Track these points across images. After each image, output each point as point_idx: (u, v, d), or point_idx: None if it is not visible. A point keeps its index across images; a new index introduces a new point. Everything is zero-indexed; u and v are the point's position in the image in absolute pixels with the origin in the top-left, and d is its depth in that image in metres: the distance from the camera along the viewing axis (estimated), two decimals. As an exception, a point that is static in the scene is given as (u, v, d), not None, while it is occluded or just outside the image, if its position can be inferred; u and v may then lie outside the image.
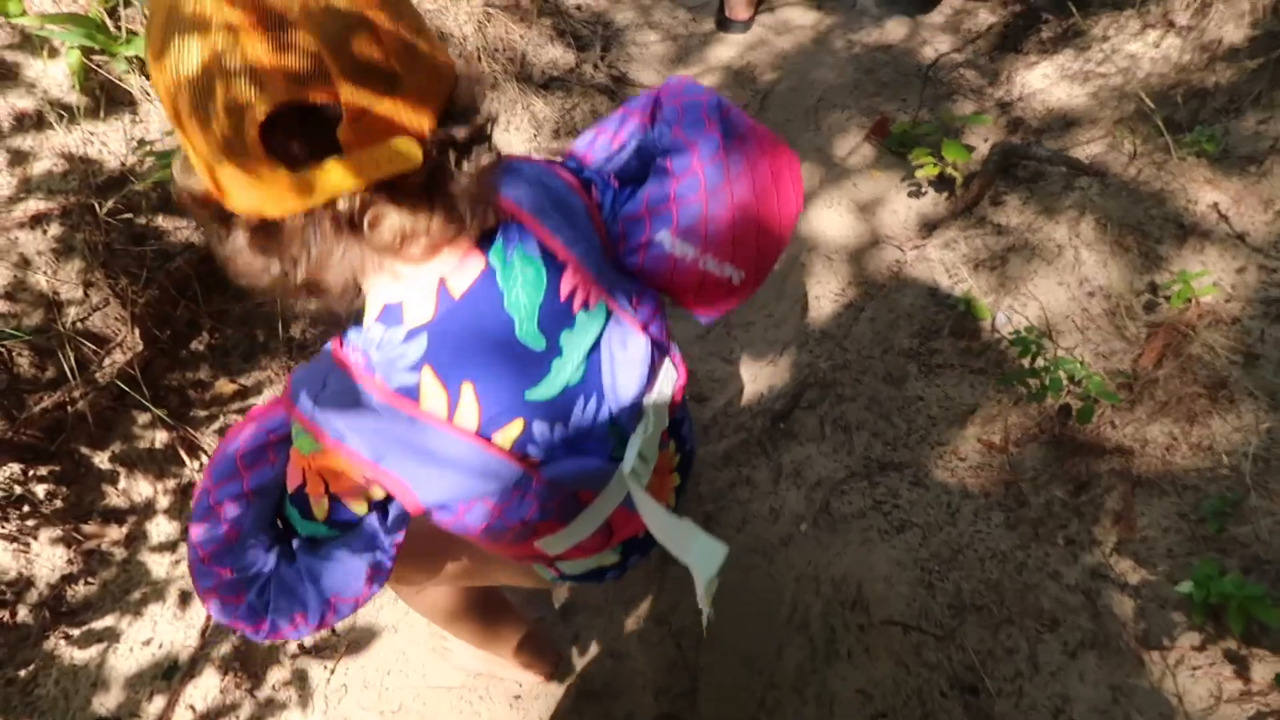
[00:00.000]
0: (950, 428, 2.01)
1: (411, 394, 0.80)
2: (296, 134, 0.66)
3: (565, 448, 0.92)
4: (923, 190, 2.59)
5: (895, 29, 3.20)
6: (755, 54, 3.22)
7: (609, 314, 0.93)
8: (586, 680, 1.76)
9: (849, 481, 1.97)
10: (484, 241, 0.84)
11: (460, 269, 0.82)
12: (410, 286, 0.80)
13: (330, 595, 0.93)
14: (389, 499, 0.90)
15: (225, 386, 1.95)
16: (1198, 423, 1.73)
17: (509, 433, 0.87)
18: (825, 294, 2.45)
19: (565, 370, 0.89)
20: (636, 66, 3.10)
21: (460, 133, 0.73)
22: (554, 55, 2.87)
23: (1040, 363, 1.84)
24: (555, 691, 1.74)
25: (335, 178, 0.66)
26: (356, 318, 0.83)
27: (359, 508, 0.89)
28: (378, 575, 0.94)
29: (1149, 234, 2.04)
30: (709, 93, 0.99)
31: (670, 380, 1.06)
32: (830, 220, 2.56)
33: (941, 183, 2.54)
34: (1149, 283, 1.99)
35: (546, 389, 0.88)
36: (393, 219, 0.72)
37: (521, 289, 0.85)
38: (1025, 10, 2.97)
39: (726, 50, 3.23)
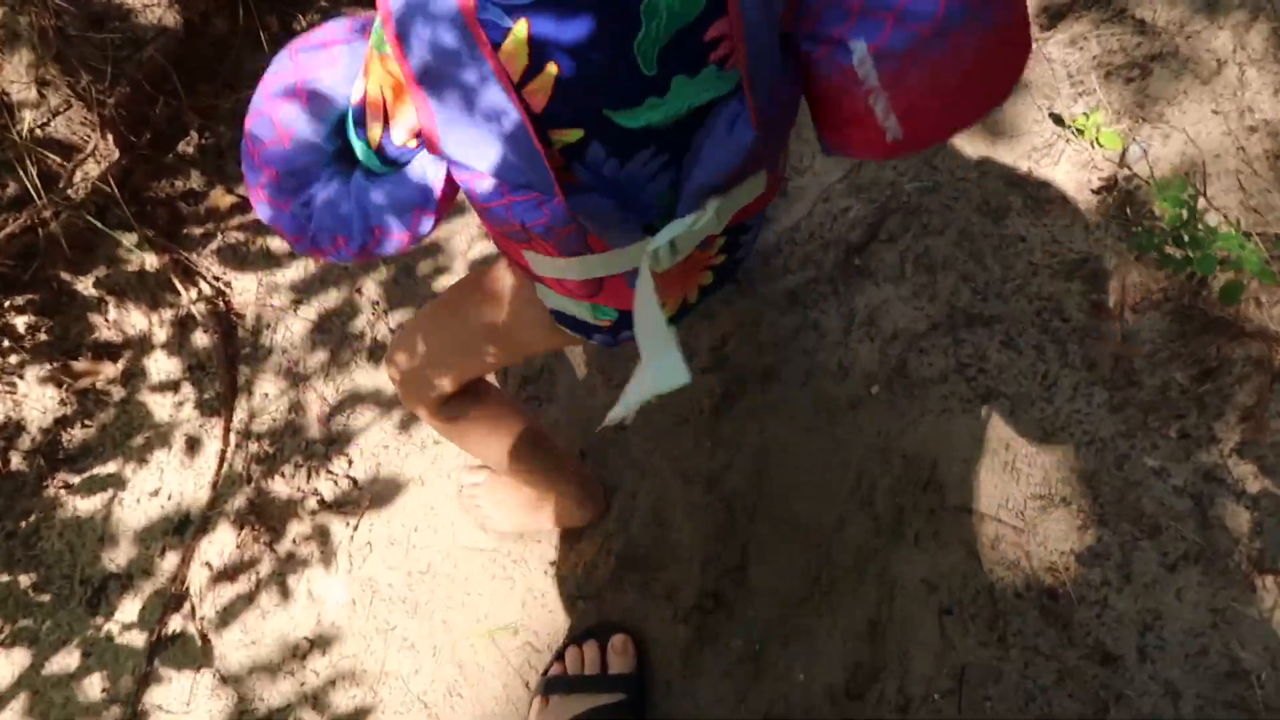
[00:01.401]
0: (1055, 279, 1.74)
1: (495, 36, 0.71)
2: None
3: (611, 186, 0.83)
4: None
5: None
6: None
7: (739, 88, 0.80)
8: (629, 548, 1.63)
9: (930, 336, 1.74)
10: None
11: None
12: None
13: (375, 223, 0.89)
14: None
15: (222, 198, 1.68)
16: (1367, 314, 1.46)
17: (564, 137, 0.79)
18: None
19: (658, 113, 0.79)
20: None
21: None
22: None
23: (1188, 229, 1.54)
24: (593, 558, 1.63)
25: None
26: None
27: (409, 140, 0.83)
28: (424, 215, 0.89)
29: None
30: None
31: (753, 191, 0.93)
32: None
33: (1075, -44, 2.07)
34: (1330, 121, 1.63)
35: (627, 118, 0.78)
36: None
37: (664, 8, 0.72)
38: None
39: None
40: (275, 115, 0.88)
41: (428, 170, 0.87)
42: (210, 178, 1.70)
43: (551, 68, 0.74)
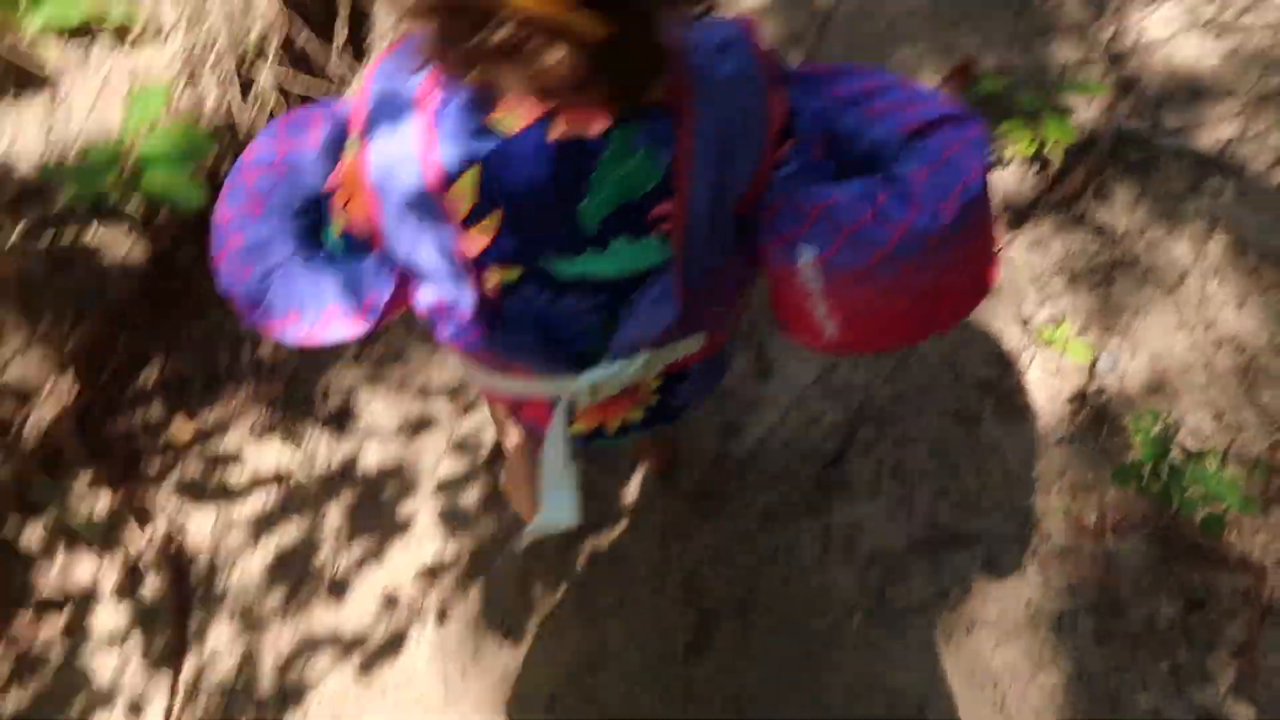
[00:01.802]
0: (1032, 493, 1.71)
1: (448, 176, 0.75)
2: None
3: (541, 319, 0.87)
4: (1006, 160, 2.18)
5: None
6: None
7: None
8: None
9: (910, 557, 1.69)
10: (622, 112, 0.74)
11: (574, 119, 0.74)
12: (517, 96, 0.72)
13: (328, 306, 0.90)
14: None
15: (183, 429, 1.65)
16: (1351, 546, 1.42)
17: (503, 274, 0.83)
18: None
19: (596, 266, 0.82)
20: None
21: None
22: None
23: (1164, 464, 1.51)
24: None
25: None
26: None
27: (366, 229, 0.85)
28: (374, 306, 0.90)
29: (1299, 271, 1.67)
30: (983, 145, 0.83)
31: (688, 349, 0.96)
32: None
33: (1033, 157, 2.12)
34: (1295, 339, 1.63)
35: (565, 265, 0.82)
36: (539, 65, 0.62)
37: (619, 180, 0.76)
38: (1145, -78, 2.43)
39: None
40: (250, 184, 0.90)
41: (384, 264, 0.88)
42: (171, 408, 1.68)
43: (495, 215, 0.78)
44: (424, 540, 1.76)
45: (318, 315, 0.91)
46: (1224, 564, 1.49)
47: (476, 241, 0.79)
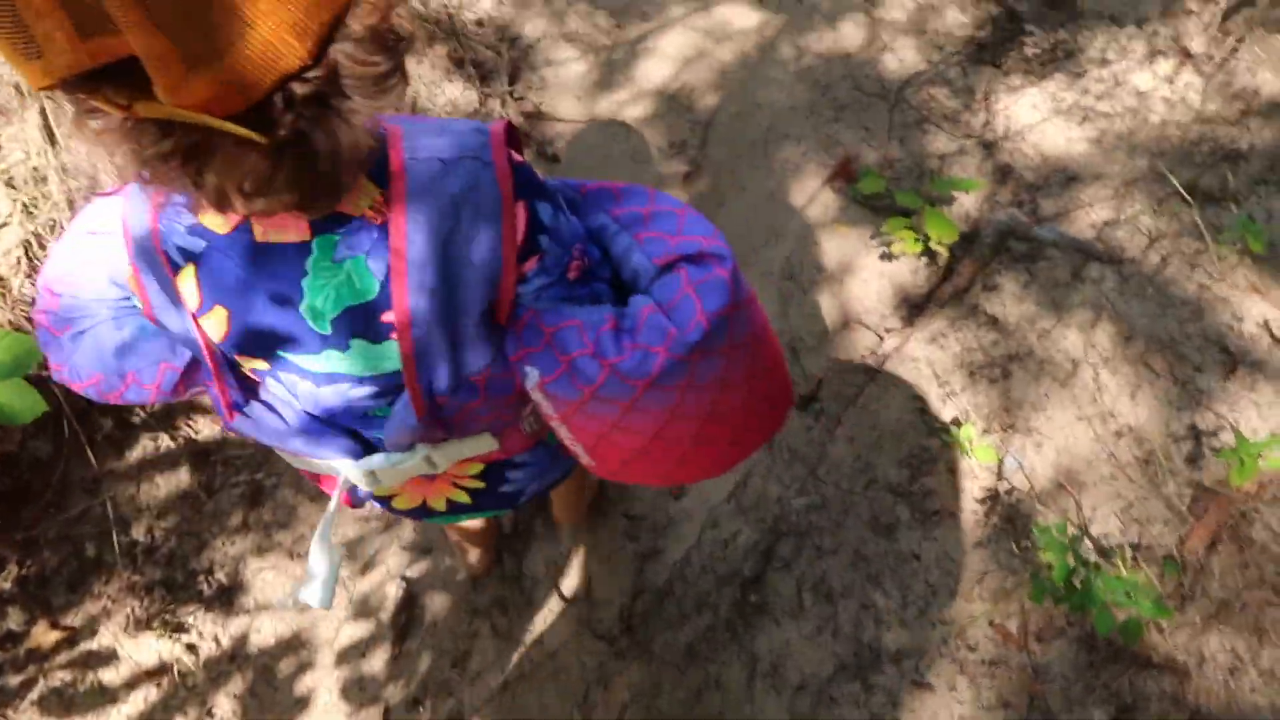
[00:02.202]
0: (955, 601, 1.67)
1: (174, 266, 0.76)
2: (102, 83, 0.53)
3: (317, 404, 0.86)
4: (896, 255, 2.20)
5: (850, 31, 2.74)
6: (692, 71, 2.74)
7: None
8: None
9: (838, 681, 1.63)
10: (319, 220, 0.72)
11: (270, 224, 0.73)
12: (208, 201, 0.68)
13: (127, 370, 0.91)
14: None
15: (44, 635, 1.51)
16: (1268, 639, 1.42)
17: (251, 363, 0.83)
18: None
19: (344, 364, 0.80)
20: (553, 95, 2.60)
21: (345, 93, 0.60)
22: (453, 94, 2.36)
23: (1075, 574, 1.49)
24: None
25: (152, 112, 0.54)
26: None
27: (144, 310, 0.84)
28: (169, 375, 0.91)
29: (1185, 356, 1.69)
30: (721, 289, 0.82)
31: (478, 447, 0.95)
32: (790, 293, 2.16)
33: (922, 253, 2.15)
34: (1189, 425, 1.65)
35: (311, 362, 0.81)
36: (209, 176, 0.60)
37: (335, 286, 0.75)
38: (1002, 12, 2.53)
39: (658, 68, 2.74)
40: (77, 251, 0.89)
41: (179, 340, 0.88)
42: (32, 613, 1.53)
43: (221, 310, 0.78)
44: (327, 718, 1.64)
45: (118, 380, 0.93)
46: (1149, 666, 1.47)
47: (213, 330, 0.80)
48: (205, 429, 1.83)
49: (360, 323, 0.77)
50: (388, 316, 0.77)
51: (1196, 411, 1.64)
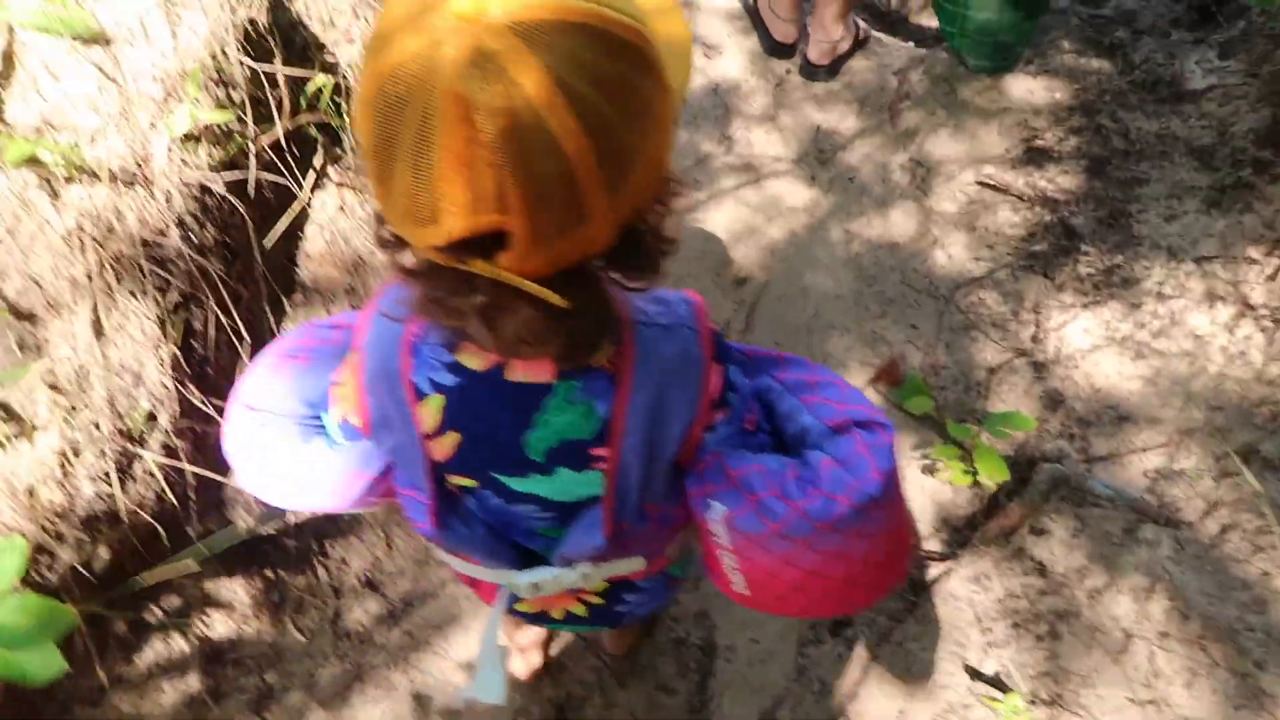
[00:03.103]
0: None
1: (419, 393, 0.87)
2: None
3: (494, 518, 0.99)
4: (943, 478, 2.14)
5: (899, 220, 2.73)
6: (741, 247, 2.72)
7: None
8: None
9: None
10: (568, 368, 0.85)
11: (526, 367, 0.84)
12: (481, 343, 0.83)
13: (318, 477, 1.00)
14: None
15: None
16: None
17: (460, 481, 0.95)
18: (823, 619, 2.00)
19: (542, 487, 0.93)
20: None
21: (621, 270, 0.75)
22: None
23: None
24: None
25: (484, 270, 0.67)
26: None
27: (357, 421, 0.95)
28: (358, 484, 1.01)
29: (1246, 650, 1.63)
30: (888, 453, 0.94)
31: (629, 567, 1.07)
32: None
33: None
34: (1250, 730, 1.58)
35: (515, 482, 0.93)
36: (505, 327, 0.73)
37: (561, 423, 0.87)
38: (1056, 222, 2.52)
39: (707, 241, 2.72)
40: (274, 362, 1.02)
41: (373, 451, 0.99)
42: None
43: (455, 435, 0.89)
44: None
45: (304, 483, 1.02)
46: None
47: (439, 451, 0.91)
48: (220, 626, 1.75)
49: (571, 455, 0.90)
50: (597, 451, 0.89)
51: (1258, 715, 1.58)
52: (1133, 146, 2.55)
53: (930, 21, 3.80)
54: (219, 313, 1.70)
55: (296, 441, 1.01)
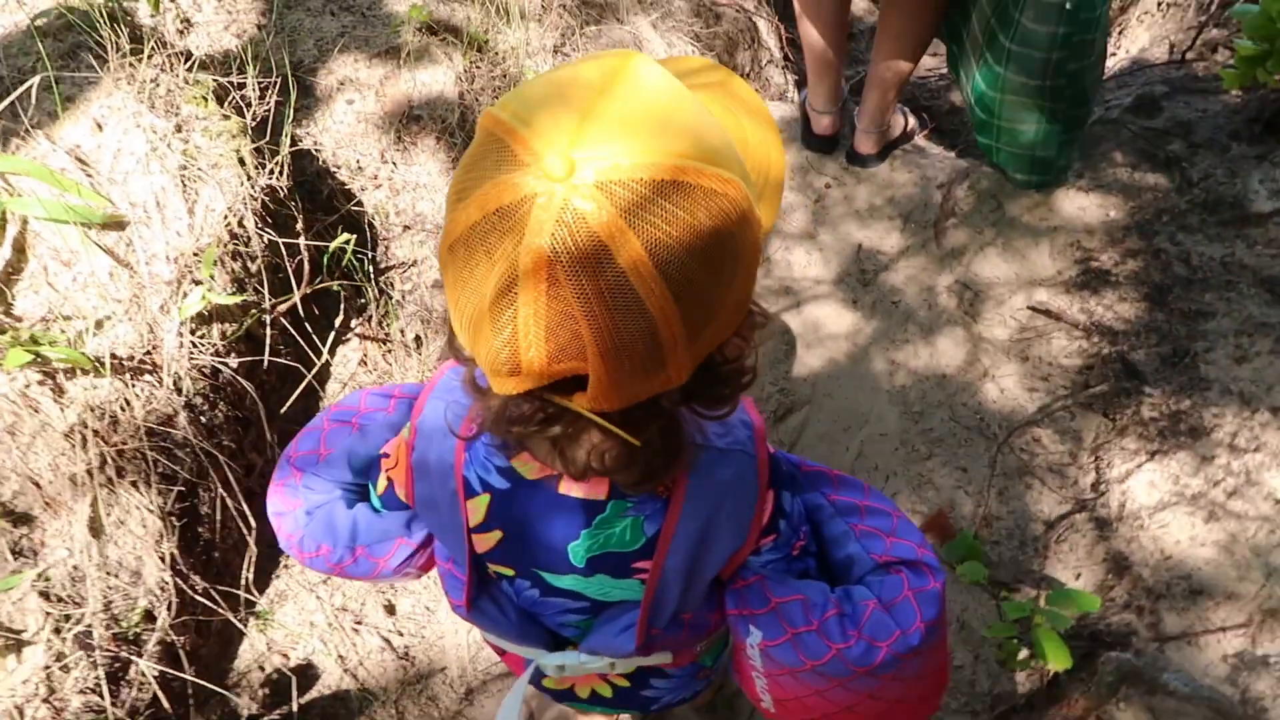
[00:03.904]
0: None
1: (470, 489, 0.89)
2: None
3: (531, 607, 1.00)
4: (999, 656, 1.98)
5: (947, 349, 2.60)
6: (781, 376, 2.62)
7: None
8: None
9: None
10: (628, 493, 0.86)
11: (584, 485, 0.86)
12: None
13: (358, 544, 1.03)
14: None
15: None
16: None
17: (499, 569, 0.97)
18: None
19: (579, 585, 0.94)
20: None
21: (702, 403, 0.74)
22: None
23: None
24: None
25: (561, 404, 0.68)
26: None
27: (403, 495, 0.98)
28: (401, 551, 1.03)
29: None
30: (936, 600, 0.93)
31: (657, 660, 1.05)
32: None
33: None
34: None
35: (553, 578, 0.94)
36: (577, 453, 0.75)
37: (603, 539, 0.88)
38: (1115, 356, 2.36)
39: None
40: (325, 431, 1.05)
41: (416, 523, 1.02)
42: None
43: (498, 532, 0.91)
44: None
45: (348, 553, 1.03)
46: None
47: (482, 544, 0.93)
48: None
49: (613, 564, 0.91)
50: (639, 564, 0.90)
51: None
52: (1195, 274, 2.40)
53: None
54: (226, 495, 1.64)
55: (341, 505, 1.04)
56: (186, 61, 2.06)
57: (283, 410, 1.86)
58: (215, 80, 2.02)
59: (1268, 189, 2.47)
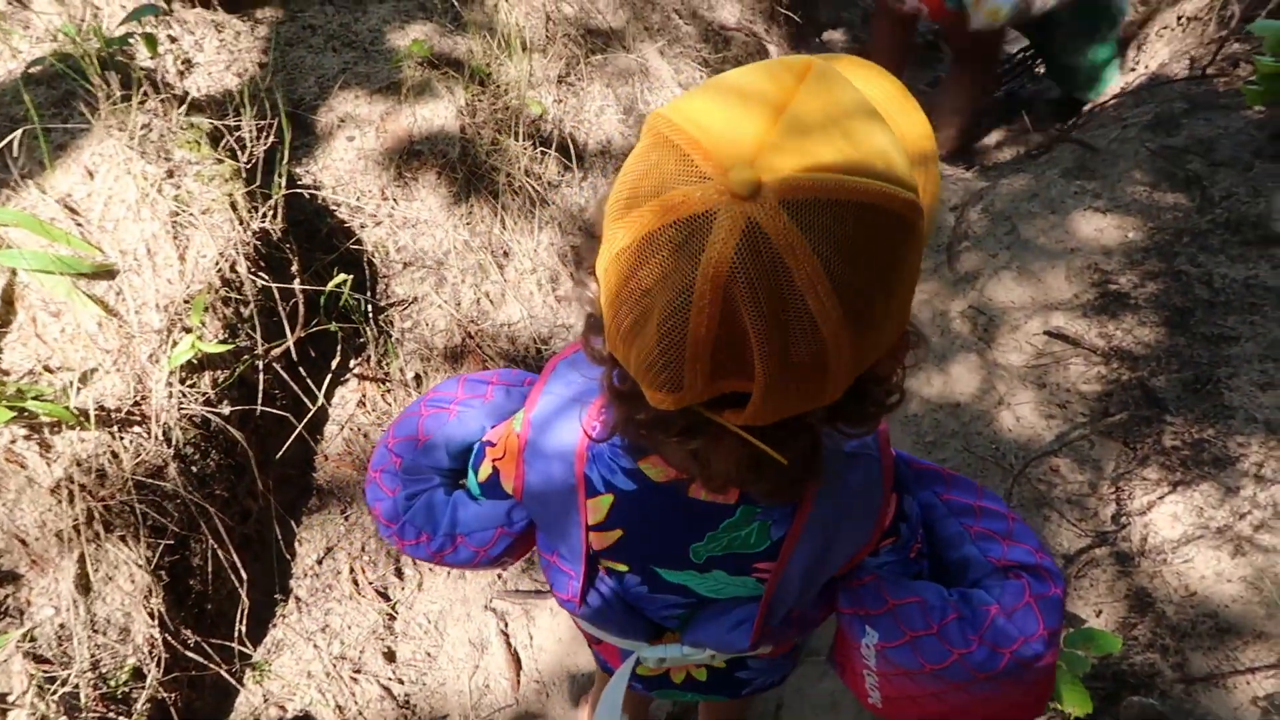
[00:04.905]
0: None
1: (591, 488, 0.87)
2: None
3: (633, 599, 1.00)
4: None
5: (961, 375, 2.53)
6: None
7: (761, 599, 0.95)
8: None
9: None
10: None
11: (713, 490, 0.84)
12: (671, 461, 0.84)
13: (458, 532, 1.02)
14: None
15: None
16: None
17: (613, 565, 0.96)
18: None
19: (693, 582, 0.94)
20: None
21: (847, 421, 0.72)
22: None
23: None
24: None
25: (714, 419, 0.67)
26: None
27: (509, 486, 0.96)
28: (502, 540, 1.02)
29: None
30: (1058, 607, 0.91)
31: (756, 650, 1.04)
32: None
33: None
34: None
35: (668, 574, 0.94)
36: (716, 465, 0.73)
37: (732, 541, 0.88)
38: (1135, 383, 2.29)
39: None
40: (423, 418, 1.03)
41: (518, 511, 1.00)
42: None
43: (618, 531, 0.90)
44: None
45: (448, 540, 1.03)
46: None
47: (599, 541, 0.92)
48: None
49: (733, 564, 0.90)
50: (760, 564, 0.89)
51: None
52: (1218, 297, 2.32)
53: (990, 138, 3.67)
54: (217, 546, 1.62)
55: (440, 492, 1.04)
56: (181, 104, 2.05)
57: (278, 456, 1.83)
58: (210, 123, 2.01)
59: (1291, 207, 2.39)
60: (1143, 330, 2.38)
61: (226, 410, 1.68)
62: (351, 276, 1.99)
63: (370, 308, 2.10)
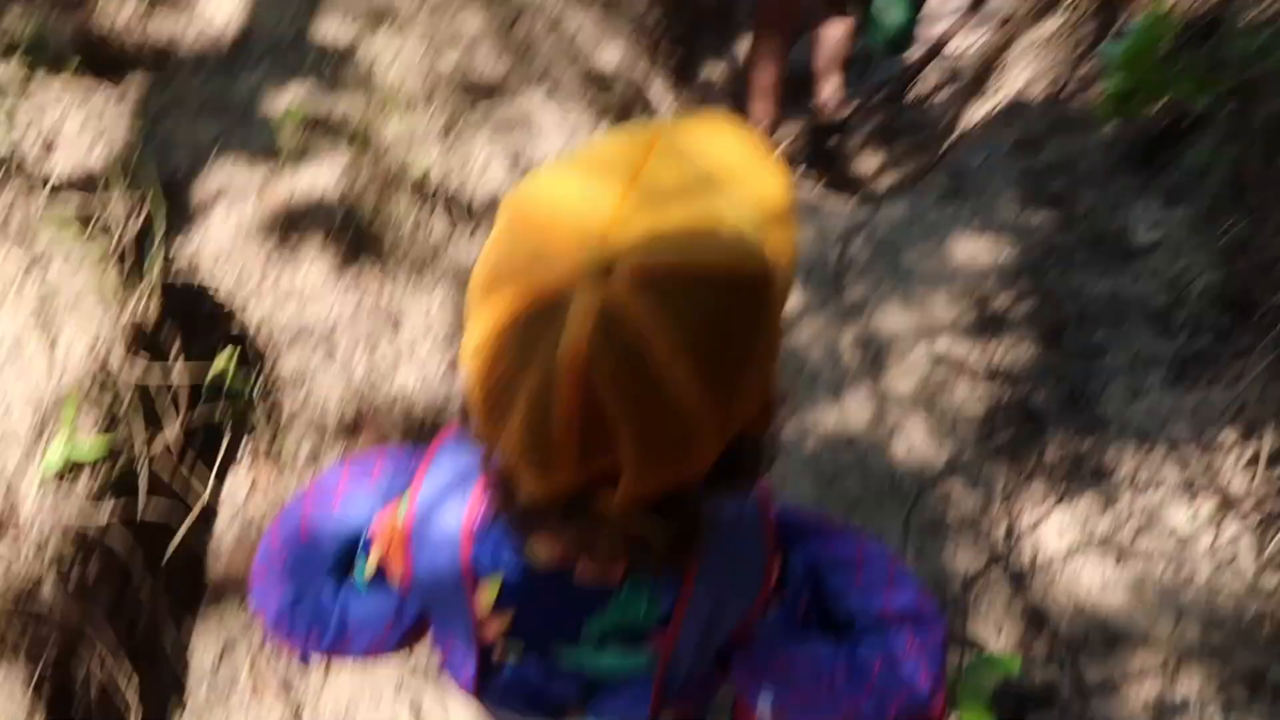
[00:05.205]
0: None
1: (481, 568, 0.87)
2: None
3: (533, 678, 0.99)
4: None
5: (855, 407, 2.60)
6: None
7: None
8: None
9: None
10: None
11: (599, 568, 0.85)
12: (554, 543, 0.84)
13: (349, 633, 1.00)
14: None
15: None
16: None
17: (509, 645, 0.96)
18: None
19: (586, 660, 0.94)
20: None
21: (722, 487, 0.72)
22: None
23: None
24: None
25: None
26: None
27: (395, 581, 0.95)
28: (394, 633, 1.01)
29: None
30: (941, 651, 0.94)
31: None
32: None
33: None
34: None
35: (564, 652, 0.94)
36: (602, 543, 0.72)
37: (624, 615, 0.89)
38: (1016, 401, 2.39)
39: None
40: (305, 512, 1.00)
41: (408, 602, 0.98)
42: None
43: (509, 613, 0.90)
44: None
45: (338, 638, 1.00)
46: None
47: (494, 627, 0.92)
48: None
49: (626, 638, 0.91)
50: (653, 634, 0.90)
51: None
52: (1086, 311, 2.45)
53: (867, 166, 3.79)
54: (106, 656, 1.55)
55: (328, 589, 1.00)
56: (44, 186, 1.98)
57: (169, 553, 1.77)
58: (77, 205, 1.94)
59: (1148, 220, 2.54)
60: (1020, 349, 2.48)
61: (107, 511, 1.62)
62: (236, 355, 1.94)
63: (258, 387, 2.05)
